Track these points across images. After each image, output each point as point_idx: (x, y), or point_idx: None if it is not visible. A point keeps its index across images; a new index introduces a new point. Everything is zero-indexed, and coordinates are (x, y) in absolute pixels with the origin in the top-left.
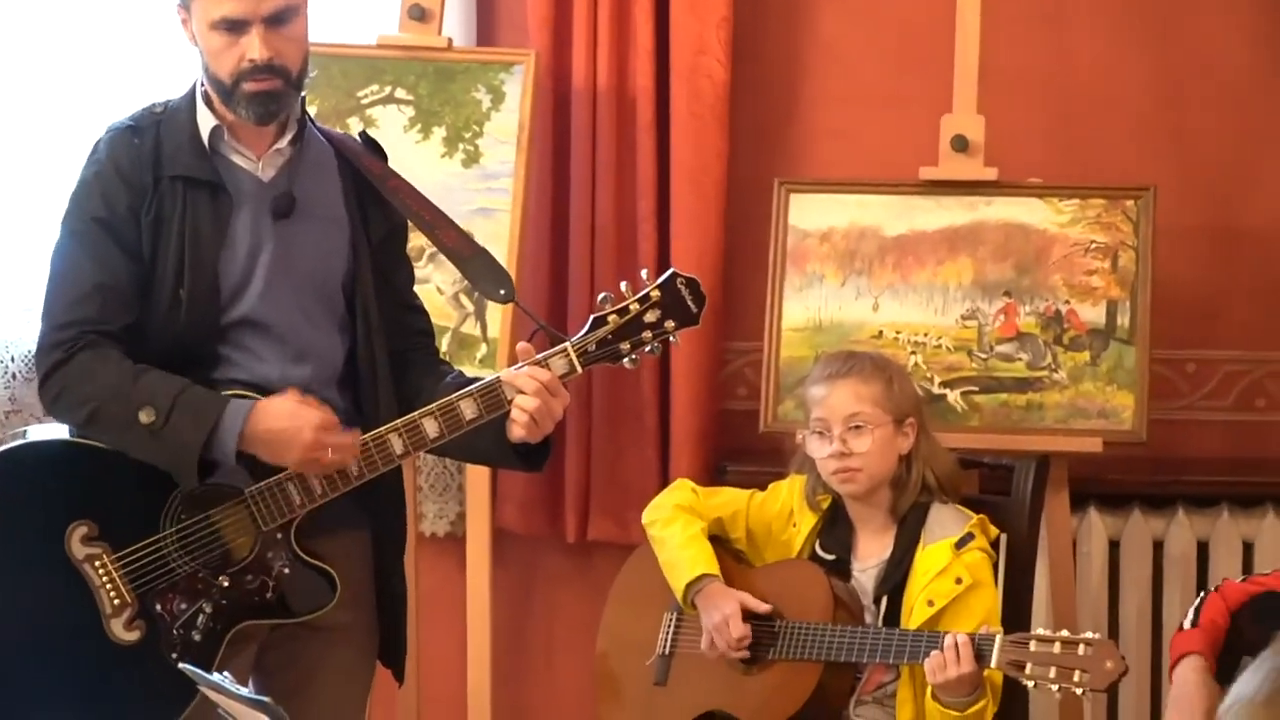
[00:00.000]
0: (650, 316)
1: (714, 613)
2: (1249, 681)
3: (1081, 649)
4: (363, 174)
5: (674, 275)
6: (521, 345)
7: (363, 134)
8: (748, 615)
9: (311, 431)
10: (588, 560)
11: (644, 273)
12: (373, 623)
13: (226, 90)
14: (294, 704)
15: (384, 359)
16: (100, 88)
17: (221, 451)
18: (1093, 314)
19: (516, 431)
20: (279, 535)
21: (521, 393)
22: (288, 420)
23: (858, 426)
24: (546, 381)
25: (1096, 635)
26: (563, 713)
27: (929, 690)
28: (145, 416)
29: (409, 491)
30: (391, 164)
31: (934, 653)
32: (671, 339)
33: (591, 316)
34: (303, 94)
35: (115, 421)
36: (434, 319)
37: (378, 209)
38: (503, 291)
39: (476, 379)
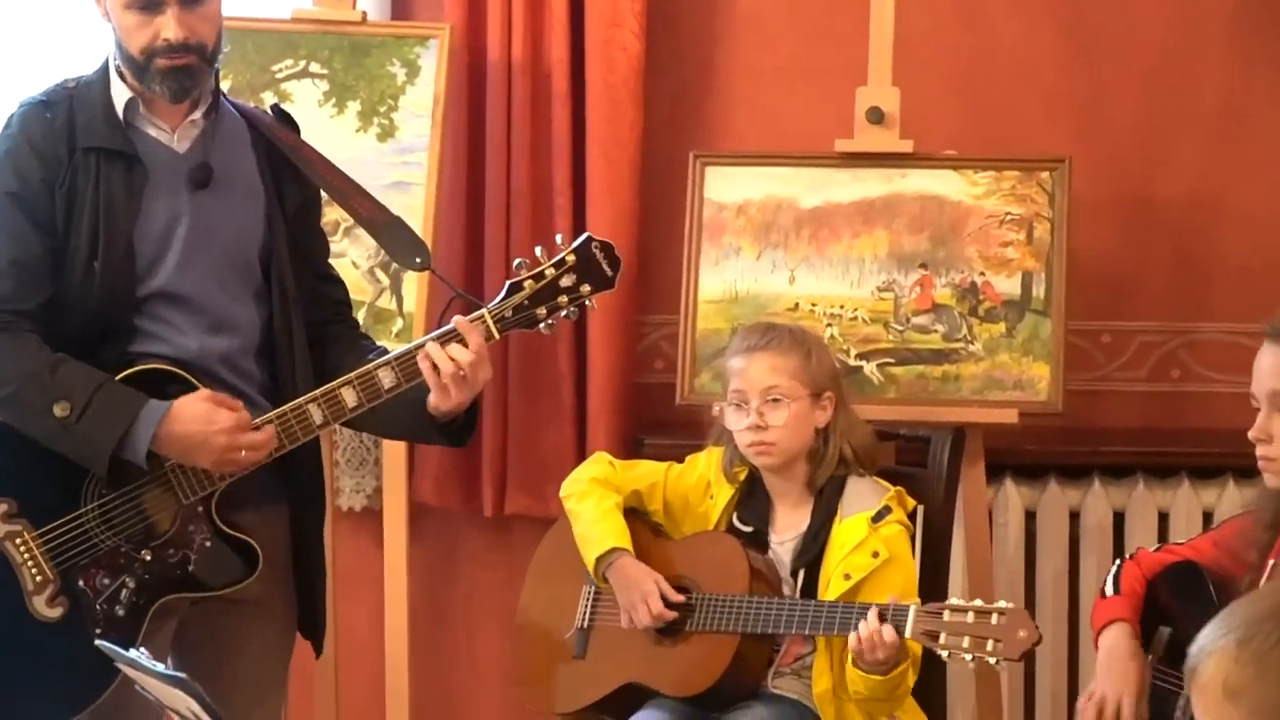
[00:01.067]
0: (566, 281)
1: (629, 590)
2: (1224, 625)
3: (995, 618)
4: (276, 146)
5: (589, 239)
6: (459, 319)
7: (274, 107)
8: (662, 593)
9: (225, 436)
10: (505, 534)
11: (559, 237)
12: (291, 596)
13: (140, 66)
14: (214, 678)
15: (301, 330)
16: (10, 66)
17: (133, 452)
18: (1008, 285)
19: (437, 402)
20: (200, 509)
21: (453, 360)
22: (201, 424)
23: (775, 400)
24: (463, 360)
25: (1010, 605)
26: (481, 686)
27: (849, 656)
28: (60, 410)
29: (326, 466)
30: (306, 138)
31: (858, 633)
32: (588, 303)
33: (508, 282)
34: (216, 67)
35: (29, 409)
36: (349, 293)
37: (291, 181)
38: (419, 259)
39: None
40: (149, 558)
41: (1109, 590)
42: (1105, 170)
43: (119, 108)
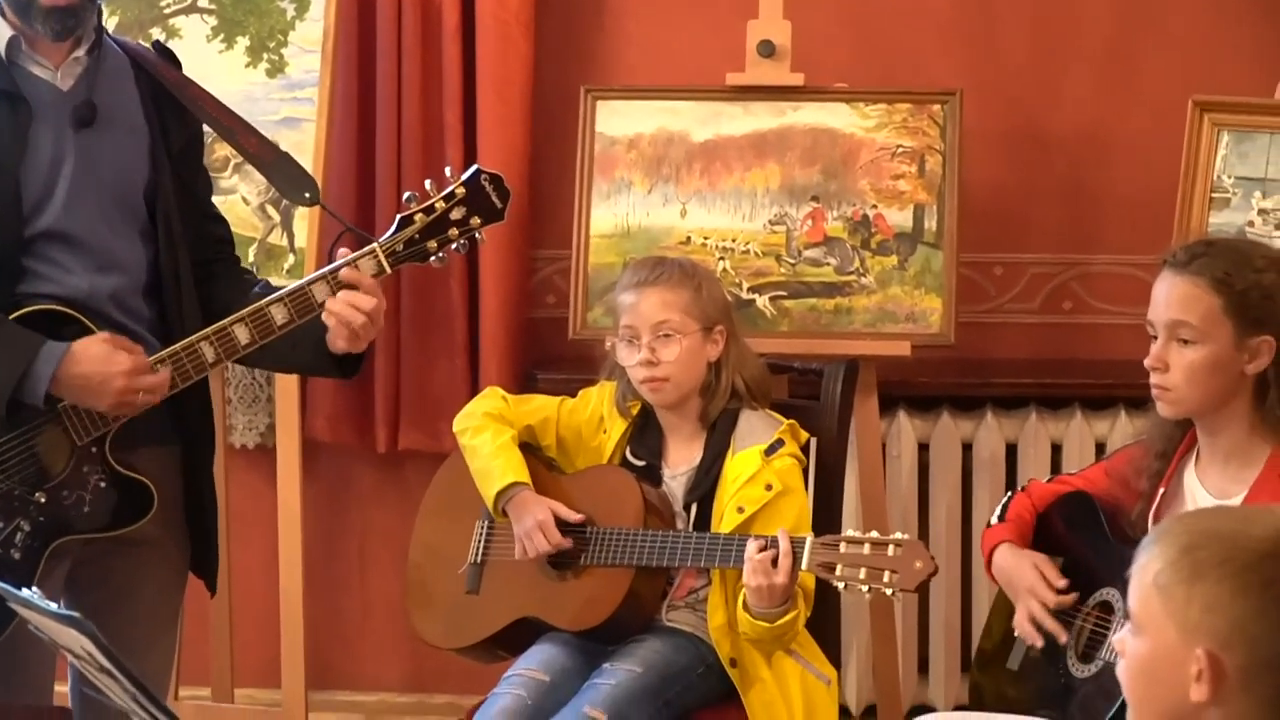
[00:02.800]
0: (456, 214)
1: (526, 520)
2: (1183, 525)
3: (891, 550)
4: (160, 83)
5: (478, 172)
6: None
7: (156, 43)
8: (559, 523)
9: (123, 378)
10: (399, 470)
11: (448, 170)
12: (184, 535)
13: (22, 5)
14: (107, 618)
15: (188, 267)
16: None
17: (31, 394)
18: (900, 218)
19: (340, 344)
20: (93, 449)
21: (344, 285)
22: (100, 365)
23: (666, 335)
24: (362, 282)
25: (906, 536)
26: (375, 622)
27: (740, 600)
28: None
29: (218, 404)
30: (194, 75)
31: (748, 558)
32: (478, 235)
33: (398, 216)
34: (99, 4)
35: None
36: (240, 230)
37: (176, 118)
38: (307, 194)
39: (282, 288)
40: (43, 500)
41: (995, 519)
42: (996, 103)
43: (1, 46)
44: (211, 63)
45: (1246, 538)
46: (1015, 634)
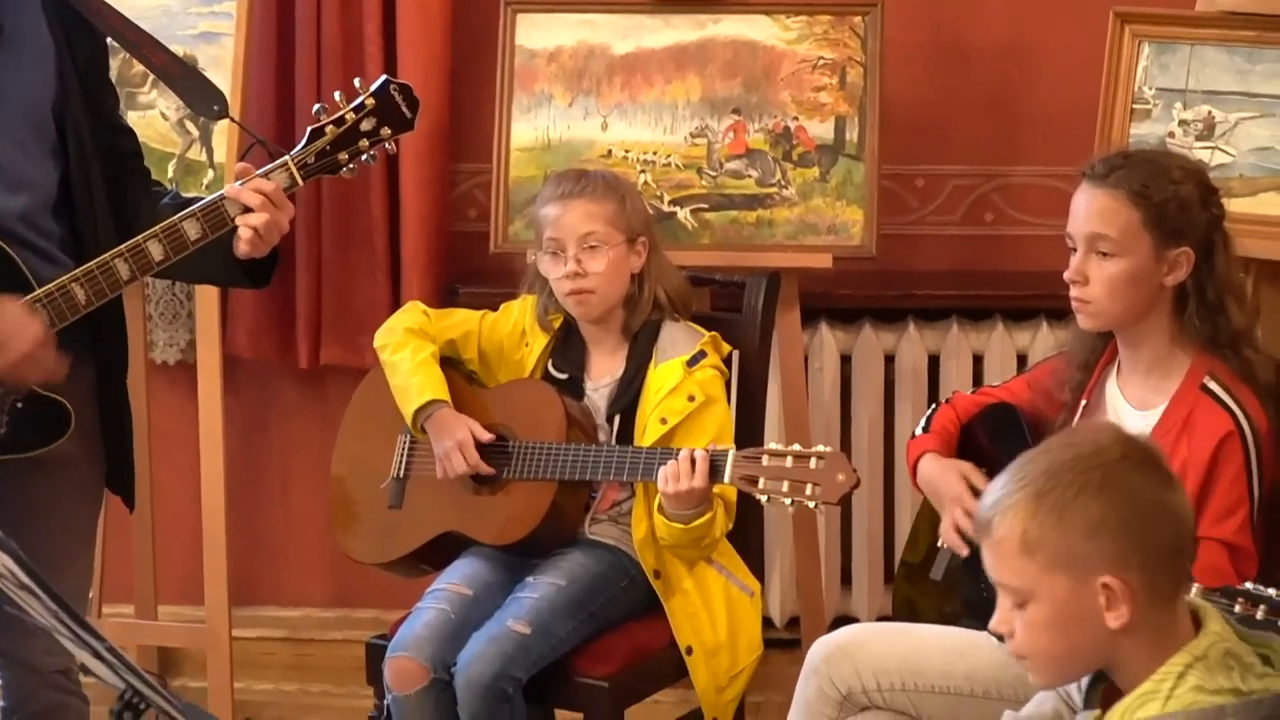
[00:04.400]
0: (366, 125)
1: (444, 439)
2: (1024, 469)
3: (813, 462)
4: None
5: (386, 82)
6: (240, 164)
7: None
8: (477, 443)
9: (29, 345)
10: (320, 386)
11: (357, 82)
12: (99, 452)
13: None
14: (22, 536)
15: (100, 183)
16: None
17: None
18: (821, 130)
19: (243, 248)
20: None
21: (247, 208)
22: (10, 325)
23: (592, 246)
24: (270, 192)
25: (828, 449)
26: (298, 538)
27: (656, 503)
28: None
29: (138, 320)
30: None
31: (669, 462)
32: (388, 146)
33: (309, 129)
34: None
35: None
36: (159, 145)
37: (81, 32)
38: (215, 108)
39: (196, 198)
40: None
41: (919, 430)
42: (917, 15)
43: None
44: None
45: (1083, 459)
46: (939, 545)
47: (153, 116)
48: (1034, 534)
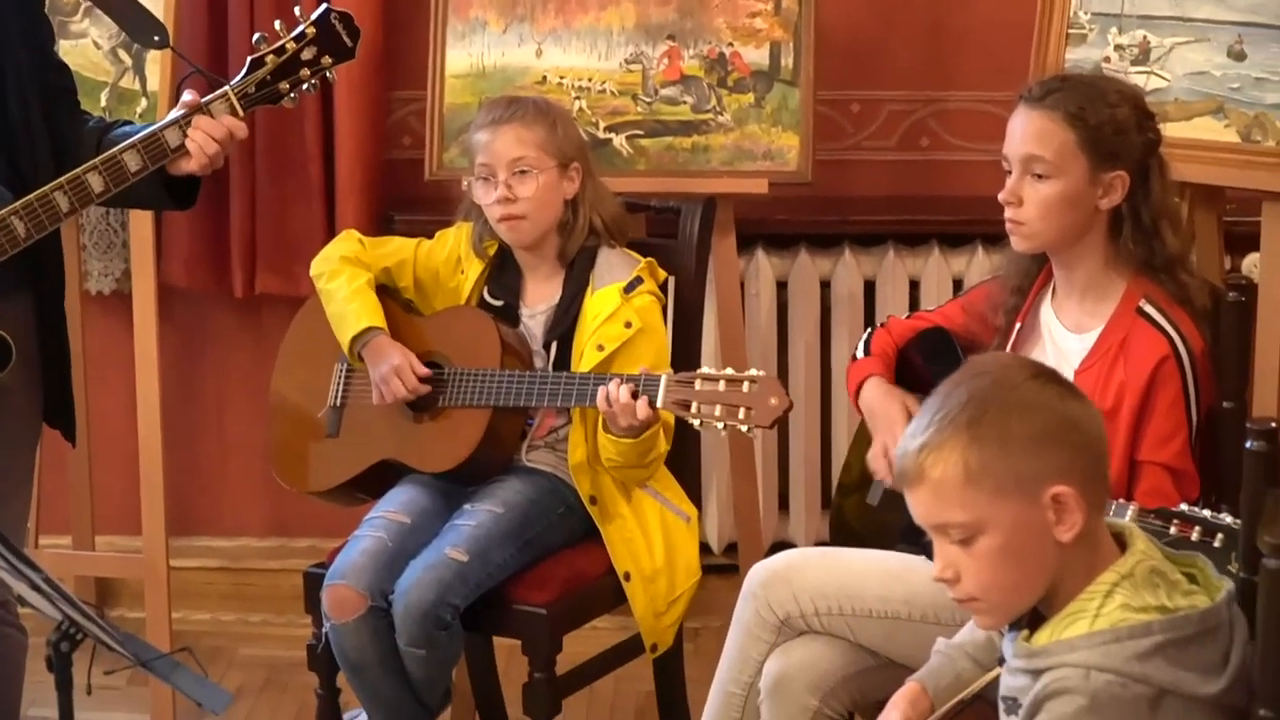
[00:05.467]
0: (307, 54)
1: (381, 365)
2: (944, 406)
3: (746, 386)
4: None
5: (327, 10)
6: (190, 97)
7: None
8: (414, 370)
9: None
10: (256, 315)
11: (297, 10)
12: (38, 385)
13: None
14: None
15: (38, 117)
16: None
17: None
18: (756, 56)
19: (191, 165)
20: None
21: (209, 136)
22: None
23: (522, 171)
24: (223, 140)
25: (761, 373)
26: (235, 468)
27: (600, 422)
28: None
29: (73, 251)
30: None
31: (607, 395)
32: (328, 75)
33: (249, 59)
34: None
35: None
36: (92, 75)
37: None
38: (156, 38)
39: (126, 122)
40: None
41: (860, 353)
42: None
43: None
44: None
45: (1001, 383)
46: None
47: (85, 45)
48: (976, 463)
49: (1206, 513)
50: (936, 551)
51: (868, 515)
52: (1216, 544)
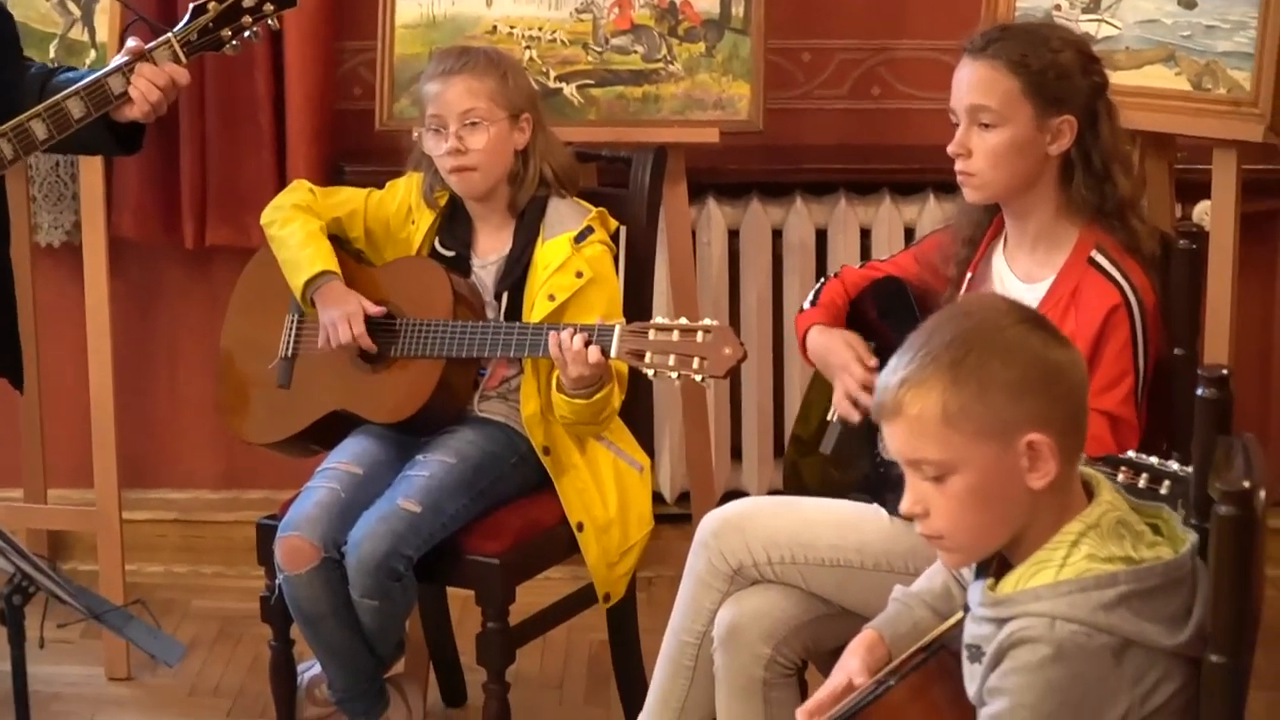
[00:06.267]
0: (249, 1)
1: (332, 309)
2: (928, 344)
3: (700, 336)
4: None
5: None
6: (134, 44)
7: None
8: (368, 320)
9: None
10: (207, 266)
11: None
12: None
13: None
14: None
15: None
16: None
17: None
18: (707, 5)
19: (135, 112)
20: None
21: (152, 84)
22: None
23: (473, 123)
24: (165, 88)
25: (715, 322)
26: (187, 419)
27: (554, 382)
28: None
29: (22, 202)
30: None
31: (560, 343)
32: (271, 23)
33: (191, 6)
34: None
35: None
36: (40, 26)
37: None
38: None
39: (69, 69)
40: None
41: (807, 304)
42: None
43: None
44: None
45: (987, 325)
46: (829, 419)
47: None
48: (955, 405)
49: (1154, 459)
50: (908, 485)
51: (821, 464)
52: (1164, 490)
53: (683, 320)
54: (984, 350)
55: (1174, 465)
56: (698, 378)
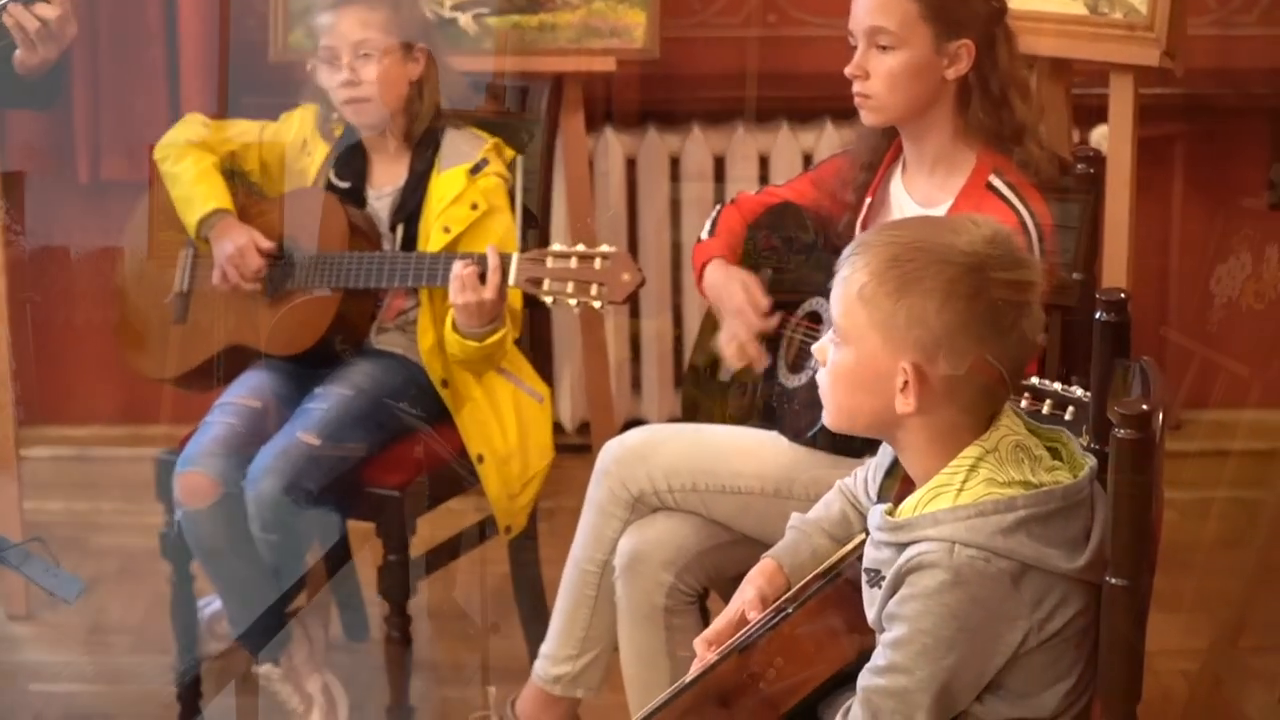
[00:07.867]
0: None
1: (225, 245)
2: (890, 233)
3: (598, 263)
4: None
5: None
6: None
7: None
8: (260, 251)
9: None
10: (102, 200)
11: None
12: None
13: None
14: None
15: None
16: None
17: None
18: None
19: (22, 57)
20: None
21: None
22: None
23: (366, 54)
24: (55, 21)
25: (613, 248)
26: (85, 355)
27: (449, 321)
28: None
29: None
30: None
31: (454, 276)
32: None
33: None
34: None
35: None
36: None
37: None
38: None
39: None
40: None
41: (705, 234)
42: None
43: None
44: None
45: (952, 250)
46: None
47: None
48: (870, 291)
49: (1057, 386)
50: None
51: (720, 392)
52: (1068, 417)
53: (580, 247)
54: (925, 270)
55: (1077, 390)
56: (596, 303)
